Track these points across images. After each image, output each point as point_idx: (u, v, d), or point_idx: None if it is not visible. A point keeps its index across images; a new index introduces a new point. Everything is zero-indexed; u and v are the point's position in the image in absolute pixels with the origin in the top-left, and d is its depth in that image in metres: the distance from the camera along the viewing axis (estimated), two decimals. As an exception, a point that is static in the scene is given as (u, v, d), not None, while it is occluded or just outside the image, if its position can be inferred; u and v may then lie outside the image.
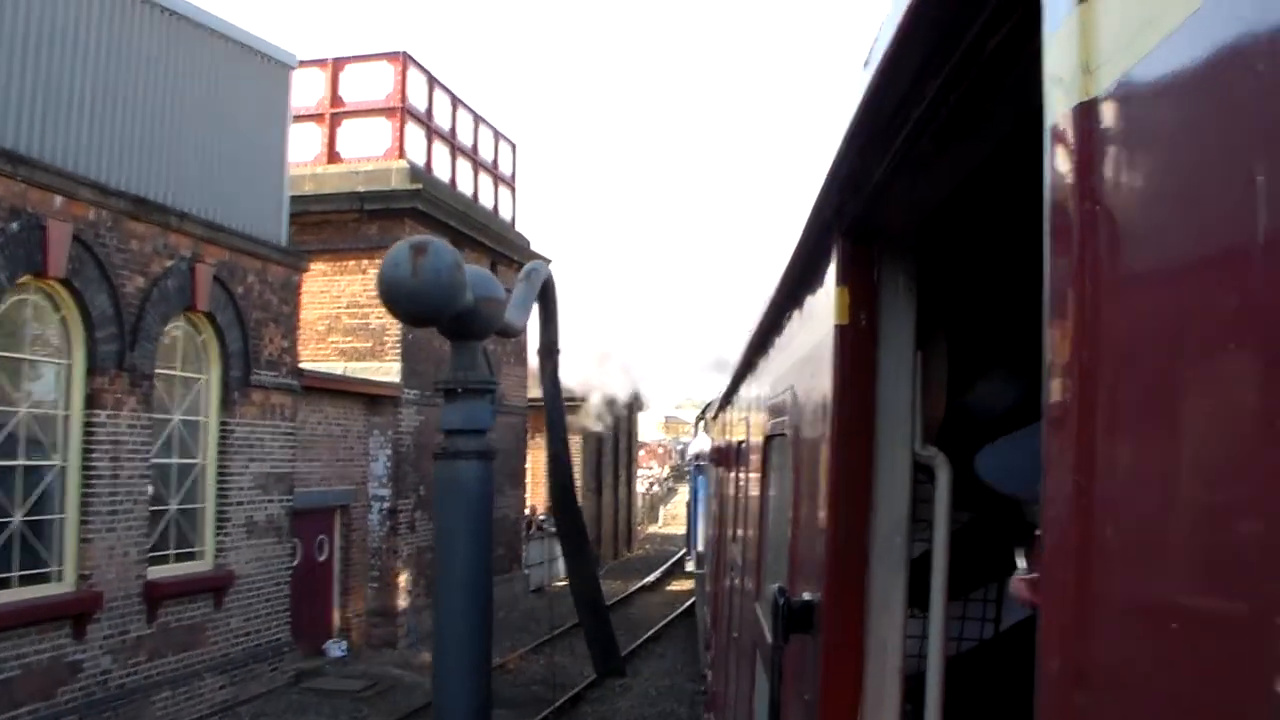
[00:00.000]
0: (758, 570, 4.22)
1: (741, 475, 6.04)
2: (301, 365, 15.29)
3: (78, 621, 10.75)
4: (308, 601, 15.16)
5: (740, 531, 5.91)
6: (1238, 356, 0.65)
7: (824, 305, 2.35)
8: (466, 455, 3.54)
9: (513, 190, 24.32)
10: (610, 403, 33.77)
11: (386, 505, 18.38)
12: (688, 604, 21.67)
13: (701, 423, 19.32)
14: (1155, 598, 0.75)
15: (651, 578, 28.09)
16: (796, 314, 3.14)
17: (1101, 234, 0.84)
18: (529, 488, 32.01)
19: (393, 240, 21.04)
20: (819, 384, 2.41)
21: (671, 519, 49.93)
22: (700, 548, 16.76)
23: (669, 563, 30.72)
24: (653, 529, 47.25)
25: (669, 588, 27.56)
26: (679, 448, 75.03)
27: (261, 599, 13.54)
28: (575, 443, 31.29)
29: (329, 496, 16.40)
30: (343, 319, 18.59)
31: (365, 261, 19.24)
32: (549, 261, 26.36)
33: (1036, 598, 1.03)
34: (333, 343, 19.14)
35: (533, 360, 29.96)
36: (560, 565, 28.78)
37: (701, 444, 18.01)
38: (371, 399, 18.01)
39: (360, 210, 18.54)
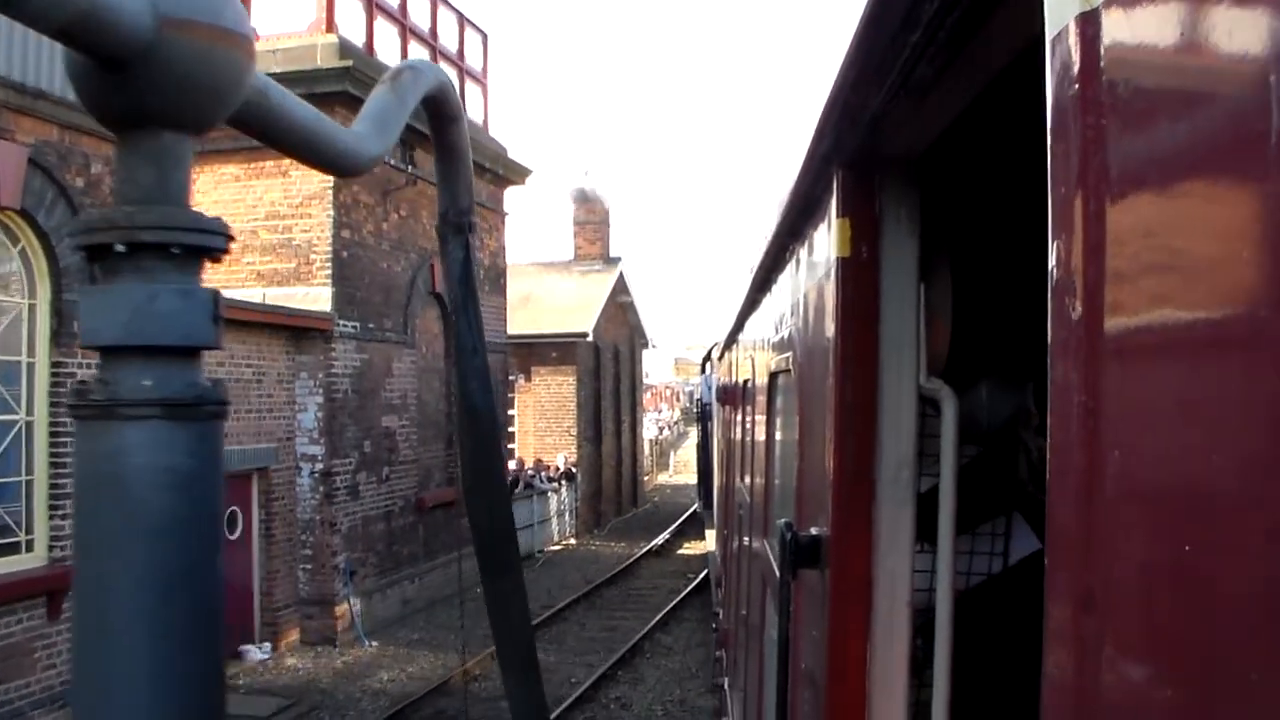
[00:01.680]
0: (765, 508, 4.43)
1: (748, 413, 6.18)
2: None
3: None
4: (209, 595, 11.37)
5: (747, 470, 6.05)
6: (1250, 266, 0.67)
7: (825, 238, 2.51)
8: (135, 410, 1.60)
9: (483, 87, 20.66)
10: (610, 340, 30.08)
11: (320, 466, 16.12)
12: (703, 575, 17.87)
13: (708, 363, 18.70)
14: (1165, 521, 0.78)
15: (660, 539, 25.37)
16: (798, 248, 3.25)
17: (1105, 147, 0.87)
18: (516, 440, 28.17)
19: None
20: (822, 318, 2.60)
21: (683, 466, 48.35)
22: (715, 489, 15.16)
23: (680, 519, 27.26)
24: (662, 478, 44.67)
25: (680, 551, 24.72)
26: (688, 389, 75.46)
27: (123, 601, 9.63)
28: (569, 383, 27.50)
29: (240, 458, 13.47)
30: (260, 234, 15.73)
31: (288, 161, 14.74)
32: (527, 173, 22.46)
33: None
34: (249, 264, 15.54)
35: (513, 288, 26.10)
36: (554, 528, 25.03)
37: (709, 384, 17.77)
38: (295, 333, 15.77)
39: (281, 97, 14.65)
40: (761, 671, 4.27)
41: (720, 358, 12.34)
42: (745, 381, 6.43)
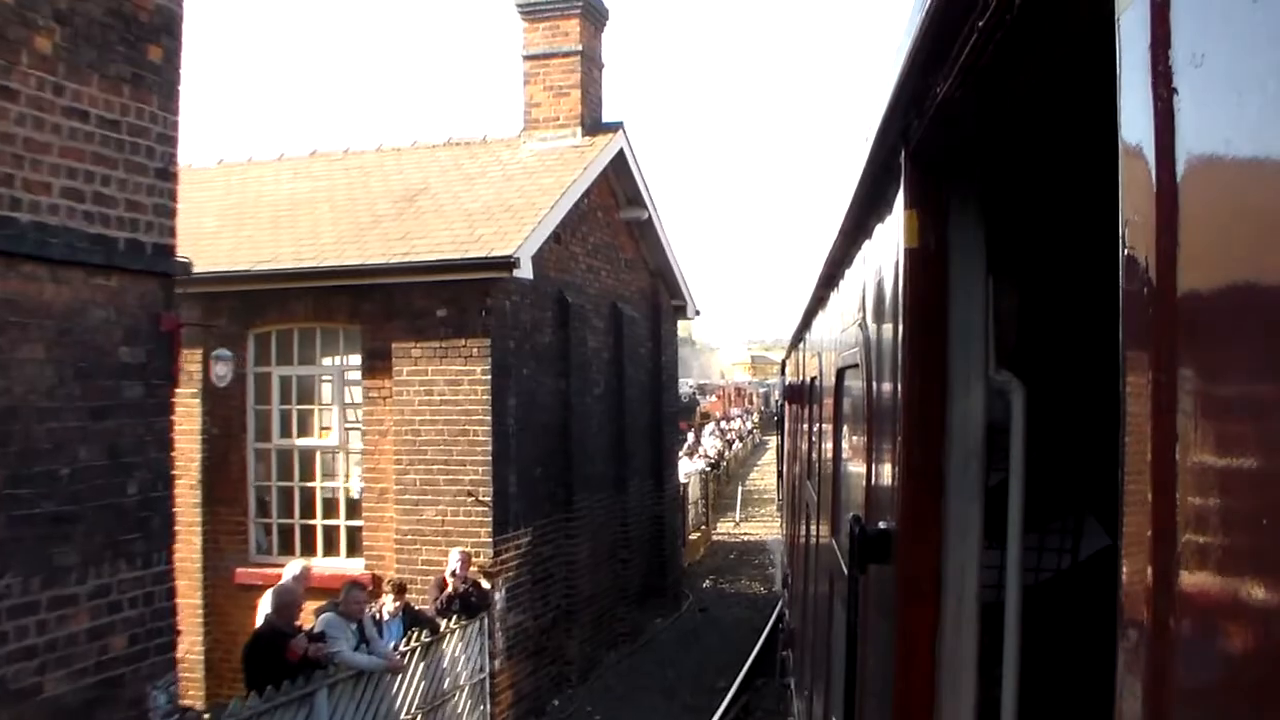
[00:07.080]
0: (834, 504, 4.52)
1: (816, 410, 6.25)
2: None
3: None
4: None
5: (816, 466, 6.15)
6: None
7: (893, 231, 2.54)
8: None
9: None
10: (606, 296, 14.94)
11: None
12: None
13: (786, 363, 15.26)
14: (1243, 496, 0.77)
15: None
16: (865, 242, 3.28)
17: (1178, 119, 0.88)
18: (348, 513, 11.73)
19: None
20: (890, 311, 2.62)
21: (758, 501, 33.53)
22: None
23: (751, 655, 12.23)
24: (722, 531, 28.55)
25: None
26: (763, 391, 69.34)
27: None
28: (475, 377, 11.75)
29: None
30: None
31: None
32: None
33: None
34: None
35: (396, 178, 11.53)
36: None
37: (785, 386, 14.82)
38: None
39: None
40: (829, 667, 4.30)
41: (788, 356, 12.07)
42: (813, 378, 6.43)
